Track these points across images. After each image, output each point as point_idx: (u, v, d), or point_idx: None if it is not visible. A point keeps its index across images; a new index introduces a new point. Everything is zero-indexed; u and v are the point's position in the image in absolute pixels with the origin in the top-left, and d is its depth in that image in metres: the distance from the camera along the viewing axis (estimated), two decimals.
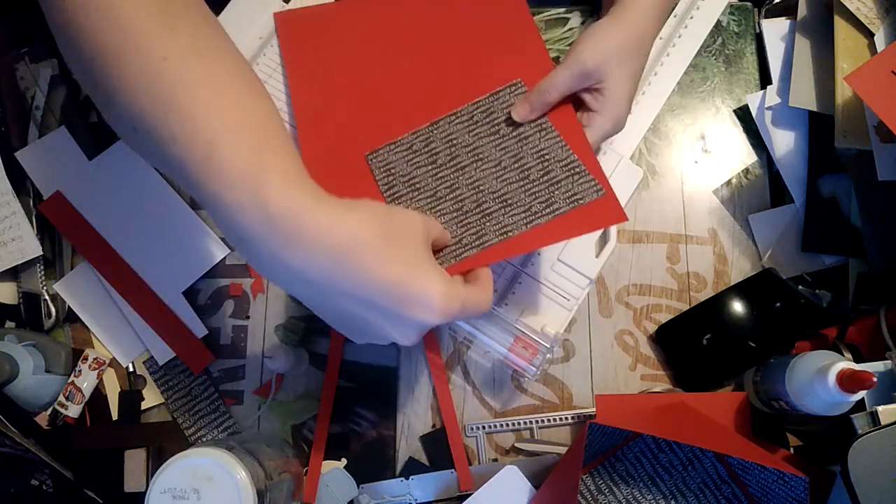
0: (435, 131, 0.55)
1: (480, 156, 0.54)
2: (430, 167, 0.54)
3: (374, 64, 0.59)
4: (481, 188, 0.52)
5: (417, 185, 0.53)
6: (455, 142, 0.55)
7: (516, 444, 0.58)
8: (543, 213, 0.49)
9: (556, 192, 0.50)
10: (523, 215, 0.50)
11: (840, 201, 0.61)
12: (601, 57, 0.51)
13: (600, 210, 0.49)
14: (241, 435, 0.59)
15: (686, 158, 0.63)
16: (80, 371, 0.59)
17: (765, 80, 0.64)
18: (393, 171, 0.54)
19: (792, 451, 0.56)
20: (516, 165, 0.52)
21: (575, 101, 0.54)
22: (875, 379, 0.43)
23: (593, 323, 0.60)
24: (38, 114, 0.65)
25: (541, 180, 0.51)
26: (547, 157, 0.52)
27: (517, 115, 0.53)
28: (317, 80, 0.59)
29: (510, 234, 0.49)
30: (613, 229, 0.59)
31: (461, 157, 0.54)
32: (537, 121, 0.54)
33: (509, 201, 0.51)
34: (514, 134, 0.54)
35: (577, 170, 0.50)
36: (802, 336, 0.58)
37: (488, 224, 0.50)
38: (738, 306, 0.58)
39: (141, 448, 0.58)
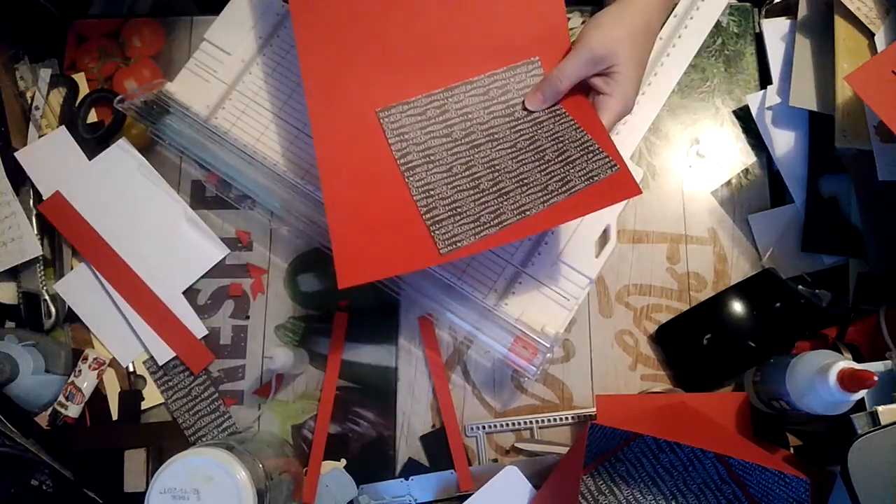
0: (450, 99, 0.56)
1: (496, 136, 0.54)
2: (445, 140, 0.55)
3: (390, 19, 0.57)
4: (497, 168, 0.52)
5: (433, 158, 0.53)
6: (470, 116, 0.55)
7: (516, 445, 0.58)
8: (560, 191, 0.50)
9: (572, 171, 0.51)
10: (540, 194, 0.50)
11: (840, 201, 0.60)
12: (609, 43, 0.52)
13: (615, 185, 0.50)
14: (241, 435, 0.59)
15: (686, 159, 0.63)
16: (79, 371, 0.59)
17: (764, 81, 0.64)
18: (407, 137, 0.54)
19: (792, 451, 0.56)
20: (531, 147, 0.53)
21: (585, 86, 0.55)
22: (876, 378, 0.44)
23: (593, 323, 0.60)
24: (38, 113, 0.65)
25: (556, 160, 0.51)
26: (561, 139, 0.53)
27: (531, 104, 0.55)
28: (328, 34, 0.56)
29: (528, 213, 0.49)
30: (613, 229, 0.59)
31: (476, 134, 0.54)
32: (551, 107, 0.54)
33: (526, 181, 0.51)
34: (529, 118, 0.55)
35: (592, 148, 0.51)
36: (802, 336, 0.58)
37: (506, 203, 0.50)
38: (738, 306, 0.58)
39: (141, 448, 0.58)
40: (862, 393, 0.46)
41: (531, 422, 0.58)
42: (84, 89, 0.66)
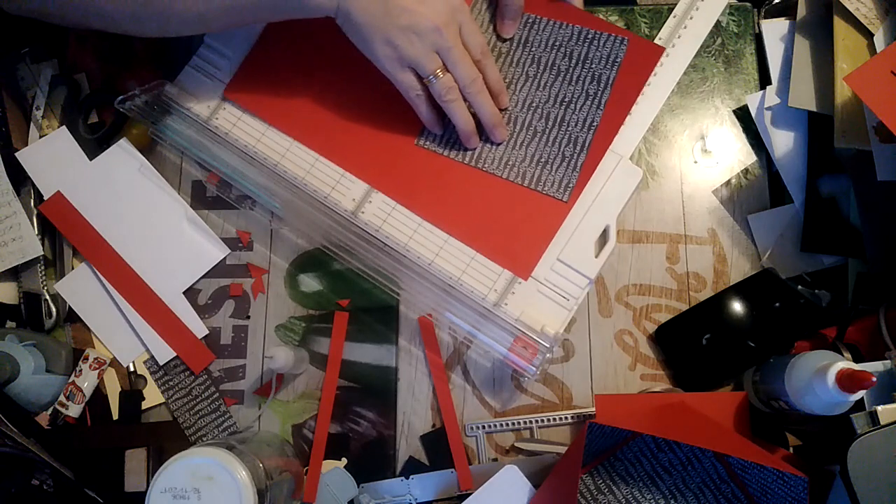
0: None
1: (508, 81, 0.57)
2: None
3: (351, 83, 0.61)
4: (534, 104, 0.56)
5: (485, 137, 0.57)
6: None
7: (516, 444, 0.58)
8: (600, 89, 0.54)
9: (594, 66, 0.54)
10: (590, 101, 0.54)
11: (839, 201, 0.61)
12: None
13: (638, 56, 0.54)
14: (242, 434, 0.59)
15: (685, 159, 0.63)
16: (80, 371, 0.59)
17: (764, 81, 0.64)
18: (452, 140, 0.58)
19: (791, 450, 0.56)
20: (543, 69, 0.56)
21: None
22: (874, 379, 0.44)
23: (593, 323, 0.61)
24: (39, 114, 0.65)
25: (573, 66, 0.55)
26: (558, 44, 0.56)
27: (506, 32, 0.58)
28: (336, 135, 0.60)
29: (594, 123, 0.53)
30: (613, 230, 0.59)
31: None
32: (524, 20, 0.58)
33: (565, 99, 0.55)
34: (518, 47, 0.58)
35: (591, 36, 0.55)
36: (802, 336, 0.58)
37: (571, 127, 0.54)
38: (737, 306, 0.59)
39: (141, 448, 0.59)
40: (861, 393, 0.46)
41: (531, 421, 0.58)
42: (85, 90, 0.66)
